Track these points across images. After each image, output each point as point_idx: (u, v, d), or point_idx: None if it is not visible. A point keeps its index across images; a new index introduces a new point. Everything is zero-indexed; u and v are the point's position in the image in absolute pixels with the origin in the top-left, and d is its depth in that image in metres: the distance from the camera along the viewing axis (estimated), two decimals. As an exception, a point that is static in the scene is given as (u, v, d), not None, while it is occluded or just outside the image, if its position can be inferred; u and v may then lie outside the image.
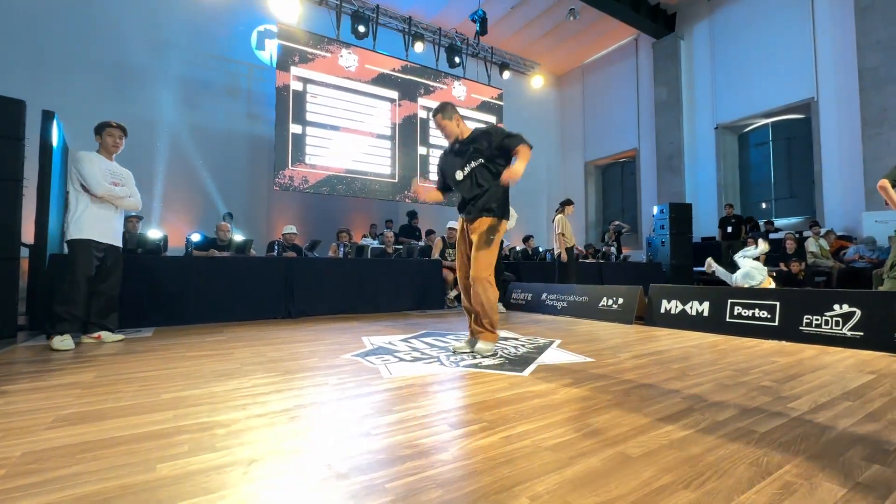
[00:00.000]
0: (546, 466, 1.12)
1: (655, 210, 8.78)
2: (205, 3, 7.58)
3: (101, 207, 3.14)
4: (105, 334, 3.19)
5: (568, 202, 6.01)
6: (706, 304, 3.64)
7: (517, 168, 2.39)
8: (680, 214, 8.51)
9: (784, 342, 3.03)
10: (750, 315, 3.35)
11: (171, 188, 7.29)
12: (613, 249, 8.88)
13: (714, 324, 3.53)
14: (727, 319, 3.47)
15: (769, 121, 9.04)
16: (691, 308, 3.73)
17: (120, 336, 3.27)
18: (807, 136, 8.23)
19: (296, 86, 7.57)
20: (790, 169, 8.89)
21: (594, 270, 7.36)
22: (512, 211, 3.20)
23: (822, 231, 7.13)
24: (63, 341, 2.88)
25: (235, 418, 1.50)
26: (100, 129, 3.27)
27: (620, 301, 4.27)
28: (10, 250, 3.53)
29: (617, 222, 9.67)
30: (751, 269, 4.53)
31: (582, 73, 12.35)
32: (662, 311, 3.94)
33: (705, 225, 9.35)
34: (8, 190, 3.52)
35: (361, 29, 8.24)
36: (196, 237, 4.90)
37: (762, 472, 1.09)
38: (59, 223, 4.24)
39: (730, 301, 3.50)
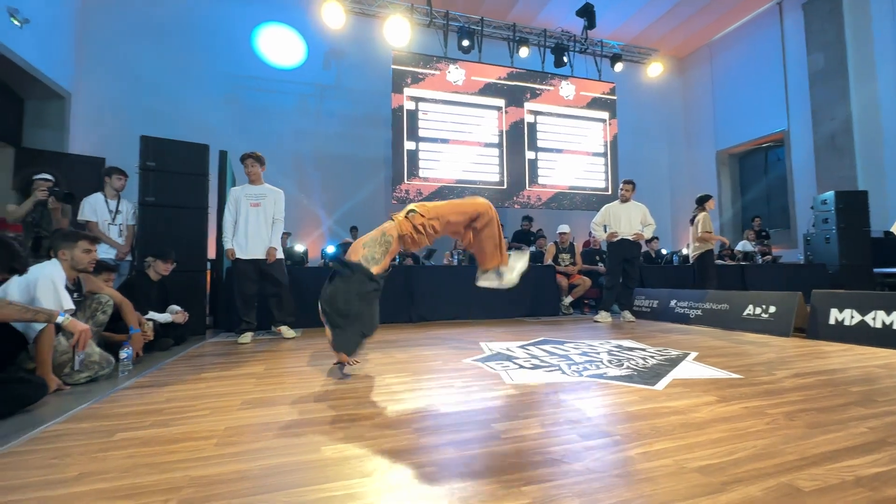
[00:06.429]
0: (695, 489, 1.03)
1: (816, 201, 7.37)
2: (331, 36, 8.58)
3: None
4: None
5: (707, 197, 5.37)
6: (897, 315, 2.94)
7: None
8: (851, 204, 7.00)
9: None
10: (968, 329, 2.62)
11: (304, 207, 8.32)
12: (757, 248, 7.67)
13: (910, 339, 2.83)
14: (931, 334, 2.76)
15: None
16: (874, 319, 3.05)
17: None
18: None
19: (409, 105, 8.13)
20: None
21: (734, 274, 6.45)
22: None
23: None
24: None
25: (377, 412, 1.68)
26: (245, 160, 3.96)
27: (772, 309, 3.68)
28: (200, 264, 4.43)
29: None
30: None
31: (710, 53, 10.98)
32: (832, 322, 3.29)
33: (893, 215, 7.50)
34: (198, 217, 4.44)
35: (466, 43, 8.51)
36: (331, 249, 5.54)
37: None
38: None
39: (934, 311, 2.78)
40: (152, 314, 3.25)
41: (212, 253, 4.71)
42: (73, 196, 3.89)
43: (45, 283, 2.17)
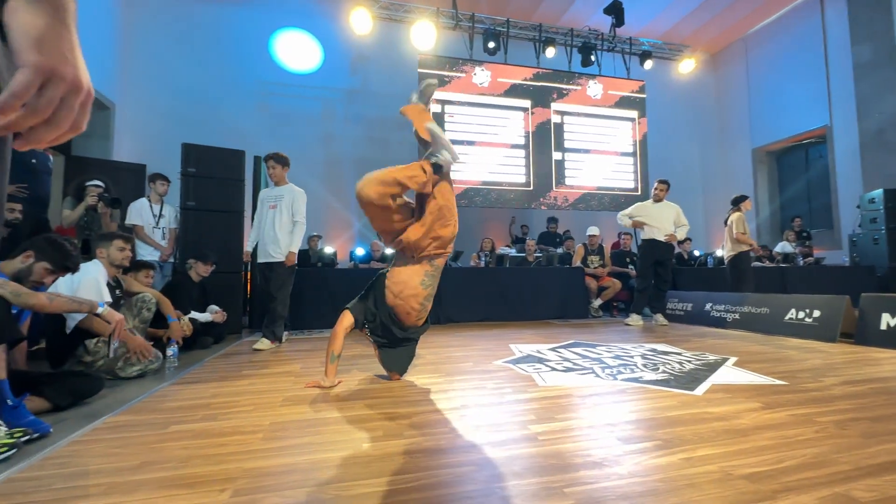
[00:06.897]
0: (743, 496, 1.01)
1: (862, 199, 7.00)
2: (357, 42, 8.73)
3: None
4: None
5: (743, 198, 5.18)
6: (957, 320, 2.77)
7: None
8: (901, 203, 6.63)
9: None
10: None
11: (334, 210, 8.49)
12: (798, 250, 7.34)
13: (972, 346, 2.66)
14: None
15: None
16: (931, 324, 2.88)
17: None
18: None
19: (435, 108, 8.18)
20: None
21: (774, 277, 6.19)
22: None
23: None
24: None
25: (414, 412, 1.71)
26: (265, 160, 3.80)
27: (817, 314, 3.52)
28: (236, 266, 4.60)
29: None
30: None
31: (745, 47, 10.59)
32: (883, 327, 3.12)
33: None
34: (235, 220, 4.61)
35: (492, 45, 8.51)
36: (361, 251, 5.63)
37: None
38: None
39: None
40: (194, 314, 3.39)
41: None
42: (120, 201, 4.11)
43: (89, 281, 2.39)
